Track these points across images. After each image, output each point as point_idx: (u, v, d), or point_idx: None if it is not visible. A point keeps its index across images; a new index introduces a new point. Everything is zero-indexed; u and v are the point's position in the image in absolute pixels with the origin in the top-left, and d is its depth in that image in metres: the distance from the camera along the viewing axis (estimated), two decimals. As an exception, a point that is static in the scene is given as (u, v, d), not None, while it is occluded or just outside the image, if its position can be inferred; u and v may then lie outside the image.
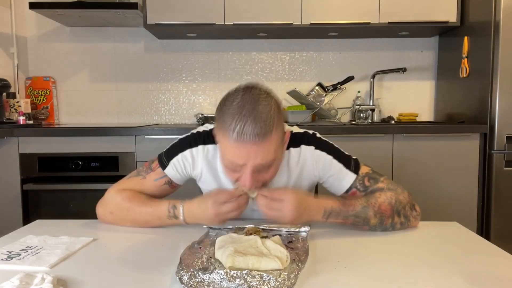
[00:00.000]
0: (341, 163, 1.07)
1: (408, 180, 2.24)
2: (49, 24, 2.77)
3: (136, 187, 1.09)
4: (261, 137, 0.86)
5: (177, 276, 0.69)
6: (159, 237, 0.97)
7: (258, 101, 0.88)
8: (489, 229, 2.24)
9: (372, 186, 1.05)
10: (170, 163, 1.08)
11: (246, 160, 0.88)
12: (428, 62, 2.85)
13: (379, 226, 0.99)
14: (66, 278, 0.72)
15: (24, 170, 2.21)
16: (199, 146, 1.08)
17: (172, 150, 1.10)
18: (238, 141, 0.86)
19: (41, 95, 2.76)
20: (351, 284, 0.70)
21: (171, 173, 1.09)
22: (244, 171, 0.90)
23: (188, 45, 2.84)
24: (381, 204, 0.98)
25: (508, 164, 2.19)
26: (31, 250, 0.85)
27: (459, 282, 0.70)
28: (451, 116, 2.65)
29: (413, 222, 1.03)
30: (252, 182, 0.90)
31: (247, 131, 0.85)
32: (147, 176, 1.09)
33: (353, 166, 1.07)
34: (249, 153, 0.87)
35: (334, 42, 2.84)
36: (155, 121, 2.89)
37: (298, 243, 0.86)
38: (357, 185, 1.06)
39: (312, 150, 1.07)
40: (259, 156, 0.88)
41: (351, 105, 2.80)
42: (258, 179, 0.92)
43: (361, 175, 1.07)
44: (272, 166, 0.93)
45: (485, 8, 2.23)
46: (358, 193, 1.06)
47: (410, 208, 1.02)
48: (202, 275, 0.68)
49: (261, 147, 0.87)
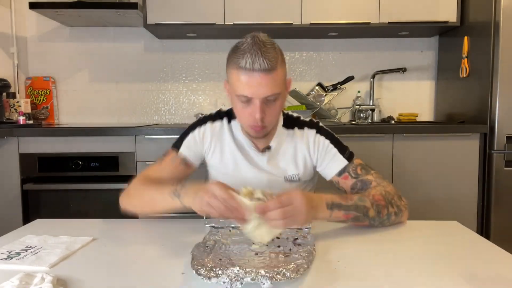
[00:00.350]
0: (337, 148, 1.19)
1: (408, 180, 2.24)
2: (49, 24, 2.77)
3: (155, 173, 1.17)
4: (269, 69, 1.00)
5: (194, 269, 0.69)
6: (159, 236, 0.97)
7: (265, 42, 1.02)
8: (489, 229, 2.24)
9: (363, 176, 1.14)
10: (183, 143, 1.21)
11: (256, 90, 1.01)
12: (428, 62, 2.85)
13: (378, 218, 1.00)
14: (66, 278, 0.72)
15: (24, 170, 2.21)
16: (207, 123, 1.22)
17: (183, 134, 1.23)
18: (249, 73, 1.00)
19: (41, 95, 2.76)
20: (351, 284, 0.70)
21: (185, 151, 1.20)
22: (254, 102, 1.03)
23: (188, 45, 2.84)
24: (374, 195, 1.03)
25: (508, 164, 2.19)
26: (30, 250, 0.85)
27: (459, 282, 0.70)
28: (451, 116, 2.65)
29: (404, 212, 1.06)
30: (261, 112, 1.03)
31: (257, 63, 0.99)
32: (163, 162, 1.19)
33: (347, 154, 1.18)
34: (259, 84, 1.01)
35: (334, 42, 2.84)
36: (155, 121, 2.89)
37: (303, 240, 0.87)
38: (350, 171, 1.16)
39: (314, 133, 1.21)
40: (267, 87, 1.01)
41: (351, 105, 2.80)
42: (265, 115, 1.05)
43: (355, 163, 1.17)
44: (277, 101, 1.06)
45: (485, 8, 2.23)
46: (349, 178, 1.15)
47: (398, 198, 1.07)
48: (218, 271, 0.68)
49: (269, 78, 1.01)
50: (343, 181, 1.16)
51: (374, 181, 1.12)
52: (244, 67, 1.00)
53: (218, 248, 0.82)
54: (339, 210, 0.97)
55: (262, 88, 1.01)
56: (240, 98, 1.05)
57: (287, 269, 0.68)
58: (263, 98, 1.03)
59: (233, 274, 0.66)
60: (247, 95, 1.03)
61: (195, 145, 1.20)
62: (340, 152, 1.18)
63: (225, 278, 0.66)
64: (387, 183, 1.11)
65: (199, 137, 1.21)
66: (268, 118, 1.07)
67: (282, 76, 1.05)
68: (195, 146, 1.20)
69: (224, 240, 0.88)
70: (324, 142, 1.20)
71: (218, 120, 1.22)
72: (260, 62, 0.99)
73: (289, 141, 1.21)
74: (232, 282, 0.66)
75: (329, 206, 0.96)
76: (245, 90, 1.02)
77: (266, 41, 1.03)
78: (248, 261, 0.75)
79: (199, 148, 1.21)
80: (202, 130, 1.21)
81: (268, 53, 1.00)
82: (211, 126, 1.21)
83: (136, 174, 2.18)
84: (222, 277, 0.66)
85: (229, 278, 0.66)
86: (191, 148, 1.20)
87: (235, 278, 0.66)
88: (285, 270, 0.68)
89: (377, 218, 1.00)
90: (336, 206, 0.96)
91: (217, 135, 1.21)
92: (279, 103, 1.08)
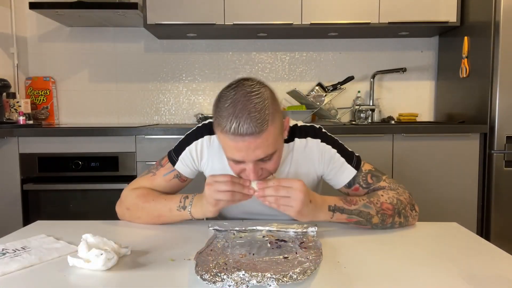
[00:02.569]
0: (344, 157, 1.10)
1: (408, 180, 2.24)
2: (49, 24, 2.77)
3: (147, 184, 1.13)
4: (257, 132, 0.86)
5: (198, 275, 0.69)
6: (161, 239, 0.96)
7: (250, 95, 0.87)
8: (489, 229, 2.24)
9: (375, 184, 1.08)
10: (179, 158, 1.12)
11: (245, 155, 0.89)
12: (428, 62, 2.85)
13: (381, 225, 1.00)
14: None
15: (24, 170, 2.21)
16: (204, 137, 1.12)
17: (180, 145, 1.14)
18: (235, 139, 0.87)
19: (41, 95, 2.76)
20: (351, 284, 0.70)
21: (180, 167, 1.13)
22: (247, 164, 0.91)
23: (188, 45, 2.84)
24: (383, 203, 1.00)
25: (508, 164, 2.19)
26: (27, 250, 0.85)
27: (459, 282, 0.70)
28: (451, 116, 2.65)
29: (411, 221, 1.05)
30: (255, 174, 0.91)
31: (242, 129, 0.85)
32: (157, 173, 1.14)
33: (354, 162, 1.10)
34: (248, 149, 0.88)
35: (334, 42, 2.84)
36: (155, 121, 2.89)
37: (309, 243, 0.87)
38: (360, 181, 1.08)
39: (318, 143, 1.10)
40: (258, 150, 0.88)
41: (351, 105, 2.80)
42: (261, 171, 0.94)
43: (364, 172, 1.09)
44: (274, 157, 0.94)
45: (485, 8, 2.23)
46: (360, 190, 1.08)
47: (410, 209, 1.04)
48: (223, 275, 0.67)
49: (259, 142, 0.87)
50: (353, 193, 1.09)
51: (388, 187, 1.07)
52: (229, 132, 0.86)
53: (222, 252, 0.81)
54: (341, 214, 0.96)
55: (253, 153, 0.89)
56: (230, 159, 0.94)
57: (294, 271, 0.68)
58: (255, 160, 0.90)
59: (239, 278, 0.66)
60: (237, 159, 0.91)
61: (192, 161, 1.13)
62: (348, 161, 1.09)
63: (230, 281, 0.65)
64: (403, 190, 1.07)
65: (195, 153, 1.12)
66: (265, 174, 0.95)
67: (275, 133, 0.91)
68: (191, 162, 1.13)
69: (228, 243, 0.87)
70: (330, 151, 1.10)
71: None
72: (246, 127, 0.85)
73: (290, 156, 1.11)
74: (238, 285, 0.65)
75: (331, 208, 0.95)
76: (234, 155, 0.91)
77: (253, 93, 0.88)
78: (253, 265, 0.74)
79: (196, 164, 1.13)
80: (200, 144, 1.12)
81: (255, 112, 0.85)
82: (209, 139, 1.12)
83: (136, 174, 2.20)
84: (228, 281, 0.66)
85: (235, 282, 0.65)
86: (187, 164, 1.13)
87: (240, 281, 0.65)
88: (292, 273, 0.68)
89: (380, 225, 1.00)
90: (338, 209, 0.96)
91: (216, 148, 1.11)
92: (276, 157, 0.95)
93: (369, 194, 1.05)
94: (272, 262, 0.76)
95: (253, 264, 0.74)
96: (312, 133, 1.12)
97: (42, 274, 0.75)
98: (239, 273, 0.66)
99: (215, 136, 1.10)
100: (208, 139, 1.12)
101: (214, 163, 1.12)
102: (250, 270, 0.69)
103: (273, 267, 0.72)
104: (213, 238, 0.90)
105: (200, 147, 1.12)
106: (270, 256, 0.79)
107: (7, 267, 0.76)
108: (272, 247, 0.85)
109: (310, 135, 1.11)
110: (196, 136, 1.13)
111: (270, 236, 0.93)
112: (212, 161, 1.12)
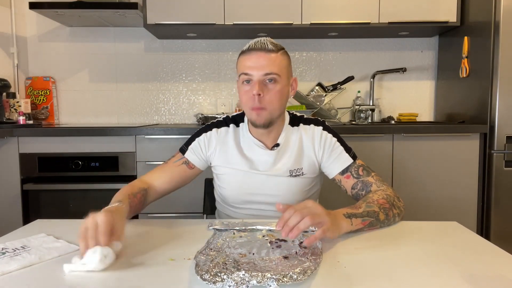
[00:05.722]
0: (343, 146, 1.22)
1: (408, 180, 2.24)
2: (49, 24, 2.77)
3: (157, 171, 1.25)
4: (270, 50, 1.10)
5: (198, 275, 0.68)
6: (161, 238, 0.96)
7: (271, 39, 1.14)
8: (489, 229, 2.24)
9: (364, 177, 1.17)
10: (189, 148, 1.27)
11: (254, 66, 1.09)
12: (428, 62, 2.85)
13: (386, 221, 1.03)
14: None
15: (24, 170, 2.21)
16: (213, 130, 1.28)
17: (191, 138, 1.29)
18: (250, 52, 1.11)
19: (41, 95, 2.76)
20: (351, 284, 0.70)
21: (189, 156, 1.27)
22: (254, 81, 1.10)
23: (188, 45, 2.84)
24: (378, 199, 1.05)
25: (508, 164, 2.19)
26: (26, 249, 0.85)
27: (459, 282, 0.70)
28: (451, 116, 2.65)
29: (403, 210, 1.10)
30: (259, 89, 1.08)
31: (259, 44, 1.11)
32: (168, 162, 1.28)
33: (352, 153, 1.22)
34: (257, 61, 1.09)
35: (334, 42, 2.84)
36: (155, 121, 2.89)
37: None
38: (352, 171, 1.19)
39: (321, 130, 1.24)
40: (266, 64, 1.09)
41: (351, 105, 2.80)
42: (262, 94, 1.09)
43: (358, 164, 1.21)
44: (276, 85, 1.11)
45: (485, 8, 2.23)
46: (351, 178, 1.18)
47: (397, 200, 1.10)
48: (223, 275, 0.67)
49: (268, 58, 1.10)
50: (344, 180, 1.19)
51: (375, 183, 1.15)
52: (247, 49, 1.12)
53: (222, 252, 0.81)
54: (356, 218, 0.97)
55: (260, 65, 1.09)
56: (242, 78, 1.13)
57: (294, 271, 0.68)
58: (261, 75, 1.09)
59: (239, 278, 0.66)
60: (246, 72, 1.11)
61: (200, 150, 1.26)
62: (346, 151, 1.21)
63: (230, 282, 0.65)
64: (386, 186, 1.15)
65: (204, 143, 1.26)
66: (266, 98, 1.11)
67: (283, 62, 1.13)
68: (200, 151, 1.26)
69: (228, 243, 0.87)
70: (332, 139, 1.22)
71: (223, 127, 1.27)
72: (262, 43, 1.10)
73: (295, 136, 1.24)
74: (238, 286, 0.65)
75: (347, 215, 0.96)
76: (245, 68, 1.11)
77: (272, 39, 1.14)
78: (253, 265, 0.74)
79: (204, 153, 1.26)
80: (208, 135, 1.27)
81: (271, 41, 1.12)
82: (217, 131, 1.27)
83: (136, 174, 2.21)
84: (228, 282, 0.66)
85: (235, 282, 0.65)
86: (195, 153, 1.26)
87: (241, 281, 0.65)
88: (292, 273, 0.68)
89: (386, 220, 1.02)
90: (353, 215, 0.97)
91: (222, 140, 1.26)
92: (278, 88, 1.12)
93: (362, 198, 1.10)
94: (272, 262, 0.76)
95: (253, 264, 0.74)
96: (315, 122, 1.26)
97: (42, 274, 0.75)
98: (239, 273, 0.66)
99: (222, 129, 1.26)
100: (216, 131, 1.27)
101: (220, 151, 1.25)
102: (250, 270, 0.69)
103: (273, 267, 0.72)
104: (213, 237, 0.90)
105: (208, 137, 1.26)
106: (270, 256, 0.79)
107: (7, 266, 0.76)
108: (272, 246, 0.85)
109: (314, 123, 1.25)
110: (205, 129, 1.28)
111: (270, 235, 0.93)
112: (218, 149, 1.25)
